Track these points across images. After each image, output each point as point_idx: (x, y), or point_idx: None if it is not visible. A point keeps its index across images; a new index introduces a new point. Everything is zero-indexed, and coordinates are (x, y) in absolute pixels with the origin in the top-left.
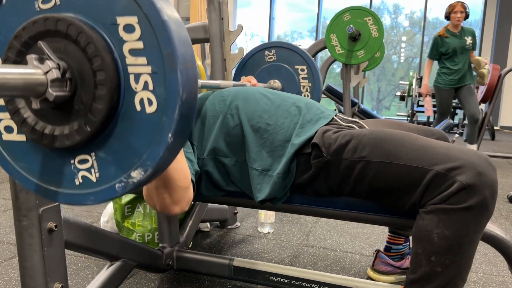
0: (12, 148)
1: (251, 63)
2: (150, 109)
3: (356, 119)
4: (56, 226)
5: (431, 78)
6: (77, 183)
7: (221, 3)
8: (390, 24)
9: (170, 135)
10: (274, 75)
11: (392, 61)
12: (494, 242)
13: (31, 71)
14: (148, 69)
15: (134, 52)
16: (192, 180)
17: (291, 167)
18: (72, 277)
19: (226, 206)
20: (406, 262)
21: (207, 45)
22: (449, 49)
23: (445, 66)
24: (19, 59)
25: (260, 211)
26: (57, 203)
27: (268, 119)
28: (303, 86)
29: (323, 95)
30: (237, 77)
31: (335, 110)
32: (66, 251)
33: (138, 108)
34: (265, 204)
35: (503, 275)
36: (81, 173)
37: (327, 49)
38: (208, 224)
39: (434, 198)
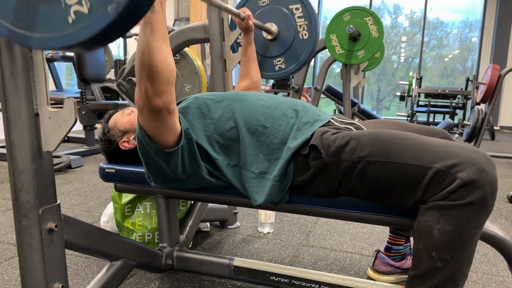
0: (2, 8)
1: None
2: None
3: (354, 121)
4: (56, 226)
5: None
6: (70, 21)
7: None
8: (390, 24)
9: None
10: (269, 18)
11: (392, 61)
12: (494, 242)
13: None
14: None
15: None
16: (181, 124)
17: (288, 170)
18: (72, 277)
19: (226, 206)
20: (407, 263)
21: (207, 45)
22: None
23: None
24: None
25: (260, 211)
26: (57, 203)
27: (265, 121)
28: (300, 25)
29: (322, 95)
30: (232, 26)
31: (335, 110)
32: (66, 251)
33: None
34: (265, 205)
35: (503, 275)
36: (73, 9)
37: (327, 49)
38: (208, 224)
39: (435, 195)
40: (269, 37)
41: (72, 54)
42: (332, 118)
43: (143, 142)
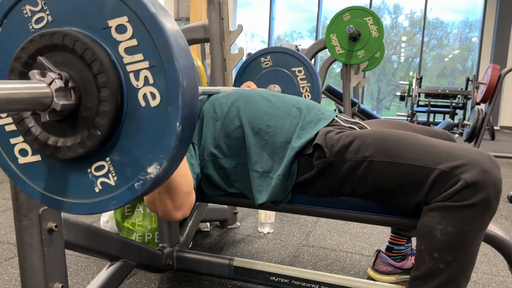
0: (29, 170)
1: (248, 72)
2: (154, 103)
3: (357, 120)
4: (56, 226)
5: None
6: (97, 190)
7: (221, 3)
8: (390, 24)
9: (178, 124)
10: (272, 80)
11: (392, 61)
12: (494, 242)
13: (35, 84)
14: (146, 64)
15: (129, 50)
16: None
17: (292, 169)
18: (72, 277)
19: (226, 206)
20: (408, 263)
21: (207, 45)
22: None
23: None
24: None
25: (260, 211)
26: None
27: (269, 121)
28: (303, 87)
29: (323, 95)
30: (236, 86)
31: (335, 110)
32: (66, 251)
33: (143, 104)
34: (266, 205)
35: (503, 275)
36: (99, 180)
37: (327, 49)
38: (208, 224)
39: (438, 196)
40: None
41: None
42: (336, 116)
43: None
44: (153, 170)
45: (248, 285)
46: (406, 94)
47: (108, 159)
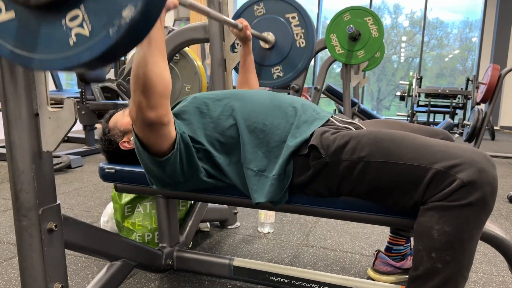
0: (2, 30)
1: None
2: None
3: (353, 120)
4: (56, 226)
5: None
6: (71, 43)
7: (221, 3)
8: (390, 24)
9: None
10: (266, 27)
11: (392, 61)
12: (494, 242)
13: None
14: None
15: None
16: (176, 130)
17: (288, 169)
18: (72, 277)
19: (226, 206)
20: (407, 263)
21: (207, 45)
22: None
23: None
24: None
25: (260, 211)
26: (57, 203)
27: (264, 119)
28: (297, 34)
29: (323, 95)
30: (232, 49)
31: (335, 110)
32: (66, 251)
33: None
34: (264, 205)
35: (503, 275)
36: (74, 31)
37: (327, 49)
38: (208, 224)
39: (435, 196)
40: (266, 46)
41: None
42: (331, 117)
43: (138, 150)
44: (128, 13)
45: (248, 285)
46: (406, 94)
47: (82, 6)
